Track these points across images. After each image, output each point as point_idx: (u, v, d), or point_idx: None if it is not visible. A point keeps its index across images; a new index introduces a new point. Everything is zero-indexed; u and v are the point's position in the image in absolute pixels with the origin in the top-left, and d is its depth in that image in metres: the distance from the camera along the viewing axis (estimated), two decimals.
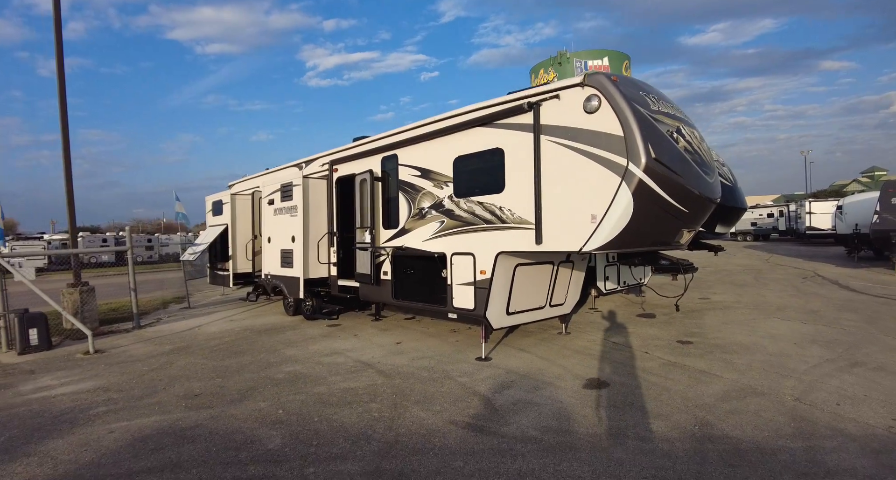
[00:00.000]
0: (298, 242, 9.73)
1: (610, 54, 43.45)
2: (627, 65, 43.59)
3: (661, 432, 4.44)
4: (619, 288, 10.80)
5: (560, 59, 44.55)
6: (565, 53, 44.54)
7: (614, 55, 43.55)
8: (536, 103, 5.99)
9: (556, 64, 44.40)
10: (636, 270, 11.15)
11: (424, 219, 7.59)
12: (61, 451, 4.45)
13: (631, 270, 10.96)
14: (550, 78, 44.07)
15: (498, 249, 6.47)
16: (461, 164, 7.00)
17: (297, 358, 7.36)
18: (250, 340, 8.78)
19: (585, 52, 44.25)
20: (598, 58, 43.37)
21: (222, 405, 5.47)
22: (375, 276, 8.48)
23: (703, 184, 5.95)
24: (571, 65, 43.02)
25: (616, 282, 10.62)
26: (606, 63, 42.39)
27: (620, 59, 43.89)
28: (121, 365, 7.38)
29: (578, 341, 7.92)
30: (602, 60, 42.91)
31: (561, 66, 43.54)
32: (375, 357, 7.28)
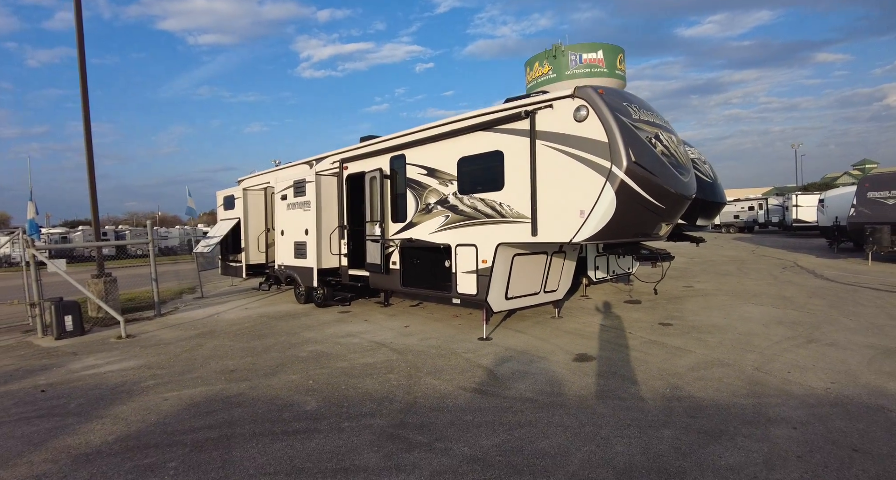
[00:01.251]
0: (312, 235, 10.49)
1: (604, 47, 43.68)
2: (622, 58, 44.02)
3: (637, 394, 5.27)
4: (608, 277, 11.67)
5: (555, 53, 44.86)
6: (560, 46, 44.84)
7: (608, 48, 43.81)
8: (533, 111, 6.77)
9: (551, 57, 44.76)
10: (624, 260, 12.01)
11: (431, 213, 8.37)
12: (128, 414, 5.22)
13: (619, 260, 11.83)
14: (545, 71, 44.60)
15: (498, 240, 7.27)
16: (465, 164, 7.78)
17: (316, 340, 8.16)
18: (269, 325, 9.56)
19: (580, 46, 44.45)
20: (592, 51, 43.58)
21: (257, 378, 6.26)
22: (385, 266, 9.27)
23: (678, 183, 6.76)
24: (566, 58, 43.44)
25: (605, 272, 11.48)
26: (601, 56, 42.68)
27: (615, 52, 44.19)
28: (155, 348, 8.14)
29: (570, 324, 8.75)
30: (596, 53, 43.14)
31: (556, 59, 43.94)
32: (387, 338, 8.09)
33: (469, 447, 4.16)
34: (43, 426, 4.99)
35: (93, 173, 11.20)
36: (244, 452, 4.22)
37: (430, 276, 8.69)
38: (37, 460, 4.25)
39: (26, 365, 7.35)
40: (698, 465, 3.76)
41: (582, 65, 43.69)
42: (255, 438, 4.48)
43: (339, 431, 4.57)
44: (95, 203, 11.31)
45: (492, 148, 7.35)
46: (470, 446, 4.18)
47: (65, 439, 4.65)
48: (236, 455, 4.17)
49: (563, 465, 3.82)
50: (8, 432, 4.86)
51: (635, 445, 4.11)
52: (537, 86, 43.01)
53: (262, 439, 4.46)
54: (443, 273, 8.30)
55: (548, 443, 4.19)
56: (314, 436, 4.47)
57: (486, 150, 7.42)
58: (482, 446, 4.17)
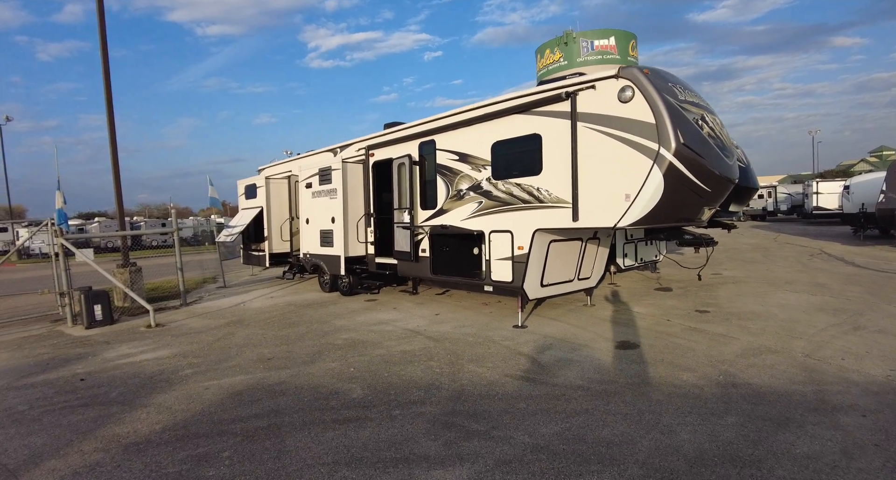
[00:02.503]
0: (338, 223, 10.39)
1: (616, 34, 43.16)
2: (634, 44, 43.43)
3: (690, 381, 5.13)
4: (636, 264, 11.48)
5: (566, 39, 44.35)
6: (571, 33, 44.34)
7: (620, 34, 43.26)
8: (574, 92, 6.59)
9: (562, 44, 44.26)
10: (651, 247, 11.81)
11: (462, 199, 8.23)
12: (172, 402, 5.16)
13: (647, 247, 11.63)
14: (556, 58, 44.07)
15: (535, 226, 7.12)
16: (499, 149, 7.62)
17: (348, 328, 8.07)
18: (298, 313, 9.50)
19: (591, 32, 43.95)
20: (604, 37, 43.06)
21: (297, 366, 6.18)
22: (414, 253, 9.16)
23: (724, 165, 6.57)
24: (578, 45, 42.92)
25: (634, 259, 11.29)
26: (613, 42, 42.15)
27: (627, 39, 43.59)
28: (186, 336, 8.09)
29: (604, 311, 8.61)
30: (608, 40, 42.60)
31: (567, 45, 43.44)
32: (420, 326, 7.99)
33: (529, 435, 4.05)
34: (88, 414, 4.93)
35: (116, 162, 11.15)
36: (297, 441, 4.13)
37: (461, 264, 8.56)
38: (87, 449, 4.19)
39: (61, 354, 7.33)
40: (772, 453, 3.62)
41: (594, 51, 43.19)
42: (306, 427, 4.39)
43: (390, 419, 4.47)
44: (119, 192, 11.27)
45: (529, 131, 7.18)
46: (530, 434, 4.06)
47: (112, 428, 4.58)
48: (290, 445, 4.08)
49: (631, 453, 3.69)
50: (54, 420, 4.81)
51: (701, 432, 3.98)
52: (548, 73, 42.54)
53: (313, 427, 4.37)
54: (475, 260, 8.17)
55: (610, 431, 4.06)
56: (366, 424, 4.38)
57: (523, 134, 7.25)
58: (542, 434, 4.06)
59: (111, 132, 11.02)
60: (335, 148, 11.62)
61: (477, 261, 8.17)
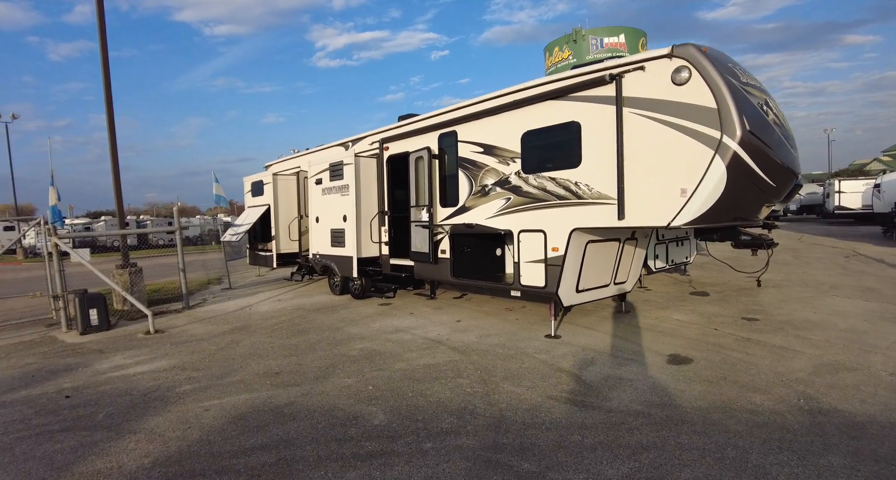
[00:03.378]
0: (351, 221, 9.70)
1: (626, 31, 42.81)
2: (644, 42, 42.84)
3: (767, 405, 4.38)
4: (667, 266, 10.71)
5: (575, 37, 44.03)
6: (581, 31, 44.00)
7: (630, 32, 42.88)
8: (619, 75, 5.85)
9: (572, 41, 43.86)
10: (683, 248, 11.04)
11: (487, 196, 7.50)
12: (165, 428, 4.47)
13: (678, 248, 10.86)
14: (566, 56, 43.59)
15: (573, 225, 6.39)
16: (530, 139, 6.89)
17: (363, 336, 7.37)
18: (308, 319, 8.81)
19: (601, 29, 43.77)
20: (614, 35, 42.83)
21: (308, 382, 5.48)
22: (433, 255, 8.44)
23: (789, 157, 5.82)
24: (587, 42, 42.49)
25: (665, 261, 10.51)
26: (623, 40, 41.73)
27: (637, 36, 43.15)
28: (187, 345, 7.42)
29: (642, 319, 7.86)
30: (618, 37, 42.28)
31: (576, 43, 42.98)
32: (442, 334, 7.27)
33: (593, 479, 3.33)
34: (68, 443, 4.25)
35: (116, 162, 10.51)
36: None
37: (485, 266, 7.85)
38: None
39: (49, 365, 6.68)
40: None
41: (603, 49, 42.65)
42: (322, 464, 3.69)
43: (422, 454, 3.76)
44: (119, 190, 10.62)
45: (566, 119, 6.44)
46: (594, 477, 3.34)
47: (93, 461, 3.90)
48: None
49: None
50: (28, 450, 4.14)
51: (805, 478, 3.24)
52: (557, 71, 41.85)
53: (330, 465, 3.67)
54: (501, 262, 7.46)
55: (691, 474, 3.34)
56: (394, 462, 3.67)
57: (559, 122, 6.52)
58: (609, 477, 3.34)
59: (111, 131, 10.38)
60: (346, 142, 10.92)
61: (504, 264, 7.47)
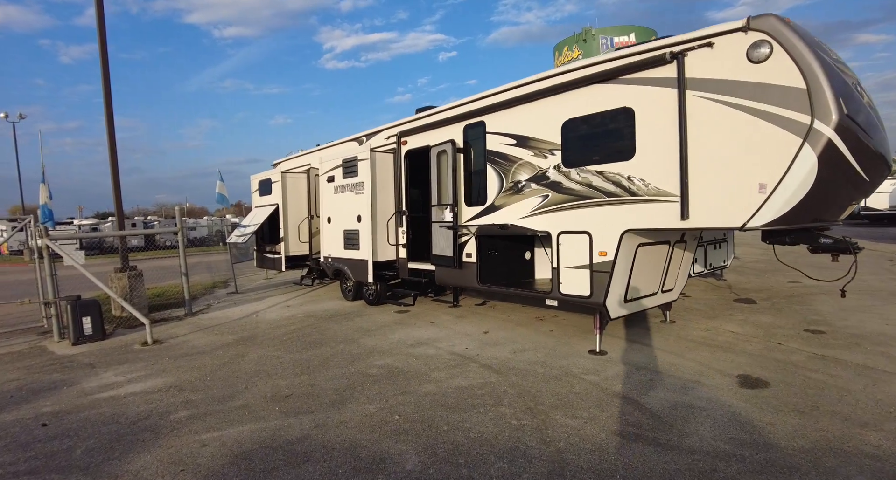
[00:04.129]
0: (366, 222, 8.93)
1: (637, 30, 42.35)
2: None
3: (886, 446, 3.57)
4: (704, 270, 9.89)
5: (585, 36, 43.60)
6: (590, 30, 43.57)
7: (641, 31, 42.38)
8: (681, 53, 5.04)
9: (581, 41, 43.35)
10: (720, 251, 10.21)
11: (521, 193, 6.72)
12: (153, 472, 3.71)
13: (717, 251, 10.03)
14: (575, 55, 42.90)
15: (625, 226, 5.58)
16: (573, 129, 6.10)
17: (381, 350, 6.60)
18: (319, 329, 8.05)
19: (611, 29, 43.48)
20: (624, 34, 42.45)
21: (323, 409, 4.71)
22: (457, 259, 7.65)
23: (885, 146, 5.00)
24: (597, 41, 41.96)
25: (703, 265, 9.69)
26: (633, 39, 41.14)
27: (647, 35, 42.45)
28: (187, 359, 6.68)
29: (692, 330, 7.05)
30: (629, 36, 41.83)
31: (586, 42, 42.43)
32: (470, 349, 6.49)
33: None
34: None
35: (115, 161, 9.81)
36: None
37: (516, 272, 7.08)
38: None
39: (33, 382, 5.95)
40: None
41: (613, 48, 41.88)
42: None
43: None
44: (118, 188, 9.92)
45: (616, 105, 5.64)
46: None
47: None
48: None
49: None
50: None
51: None
52: None
53: None
54: (534, 268, 6.66)
55: None
56: None
57: (608, 109, 5.72)
58: None
59: (109, 131, 9.69)
60: (361, 136, 10.17)
61: (536, 269, 6.67)
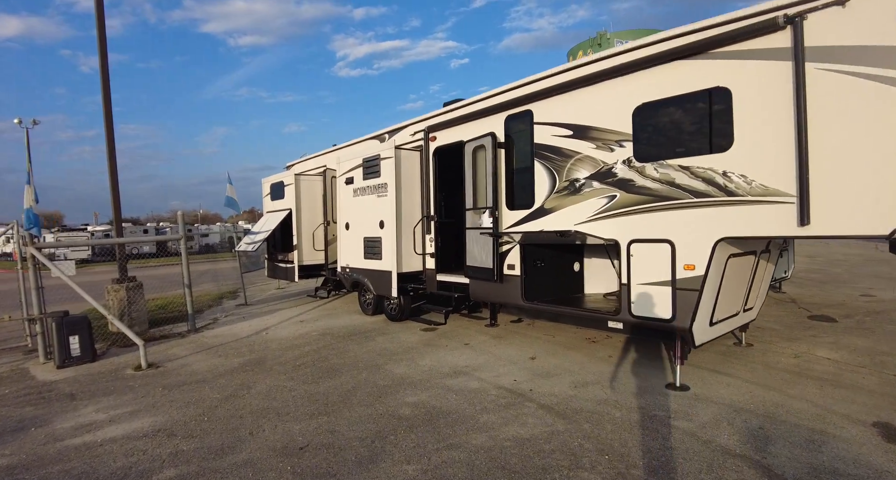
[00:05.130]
0: (389, 228, 7.90)
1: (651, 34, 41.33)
2: None
3: None
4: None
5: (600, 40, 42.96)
6: (605, 34, 42.92)
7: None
8: (798, 16, 3.97)
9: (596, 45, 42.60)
10: (781, 260, 9.05)
11: (579, 193, 5.65)
12: None
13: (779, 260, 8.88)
14: None
15: (720, 233, 4.50)
16: (648, 115, 5.03)
17: (412, 380, 5.55)
18: (337, 350, 7.02)
19: (626, 32, 42.81)
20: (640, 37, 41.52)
21: (348, 470, 3.67)
22: (497, 271, 6.59)
23: None
24: (612, 45, 40.95)
25: None
26: None
27: None
28: (183, 390, 5.68)
29: (776, 356, 5.92)
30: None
31: (601, 46, 41.58)
32: (519, 381, 5.41)
33: None
34: None
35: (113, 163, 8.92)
36: None
37: (564, 286, 6.01)
38: None
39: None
40: None
41: None
42: None
43: None
44: (117, 194, 9.02)
45: (706, 84, 4.57)
46: None
47: None
48: None
49: None
50: None
51: None
52: None
53: None
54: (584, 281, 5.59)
55: None
56: None
57: (695, 89, 4.65)
58: None
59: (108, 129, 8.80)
60: (382, 133, 9.16)
61: (589, 283, 5.60)
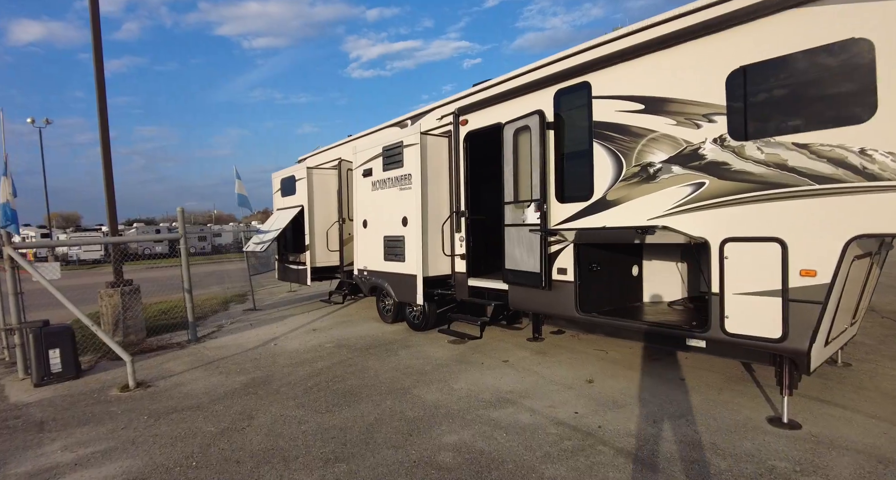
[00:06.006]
0: (413, 226, 6.90)
1: None
2: None
3: None
4: None
5: None
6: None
7: None
8: None
9: None
10: None
11: (654, 181, 4.61)
12: None
13: None
14: None
15: (856, 230, 3.44)
16: (750, 80, 3.97)
17: (448, 410, 4.54)
18: (355, 367, 6.04)
19: None
20: None
21: None
22: (545, 276, 5.56)
23: None
24: None
25: None
26: None
27: None
28: (172, 419, 4.74)
29: (888, 380, 4.83)
30: None
31: None
32: (582, 413, 4.39)
33: None
34: None
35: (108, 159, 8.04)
36: None
37: (620, 293, 4.97)
38: None
39: None
40: None
41: None
42: None
43: None
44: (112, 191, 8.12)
45: (836, 36, 3.51)
46: None
47: None
48: None
49: None
50: None
51: None
52: None
53: None
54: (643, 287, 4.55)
55: None
56: None
57: (820, 44, 3.59)
58: None
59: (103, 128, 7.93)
60: (404, 119, 8.16)
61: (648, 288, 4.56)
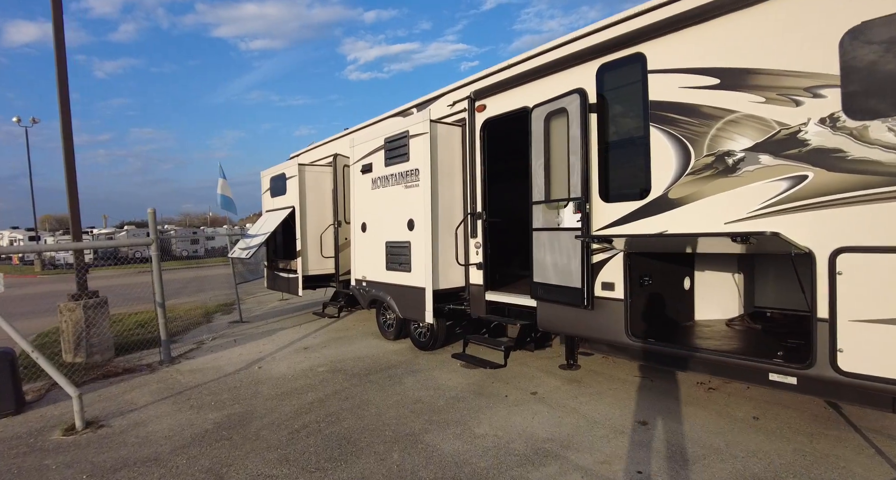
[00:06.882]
0: (422, 230, 5.90)
1: None
2: None
3: None
4: None
5: None
6: None
7: None
8: None
9: None
10: None
11: (734, 174, 3.62)
12: None
13: None
14: None
15: None
16: (875, 41, 3.00)
17: (472, 470, 3.53)
18: (352, 400, 5.02)
19: None
20: None
21: None
22: (587, 292, 4.57)
23: None
24: None
25: None
26: None
27: None
28: (119, 477, 3.72)
29: None
30: None
31: None
32: (648, 473, 3.39)
33: None
34: None
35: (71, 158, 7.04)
36: None
37: (681, 313, 3.98)
38: None
39: None
40: None
41: None
42: None
43: None
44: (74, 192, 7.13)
45: None
46: None
47: None
48: None
49: None
50: None
51: None
52: None
53: None
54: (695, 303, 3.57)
55: None
56: None
57: None
58: None
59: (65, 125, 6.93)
60: (409, 107, 7.16)
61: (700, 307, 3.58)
